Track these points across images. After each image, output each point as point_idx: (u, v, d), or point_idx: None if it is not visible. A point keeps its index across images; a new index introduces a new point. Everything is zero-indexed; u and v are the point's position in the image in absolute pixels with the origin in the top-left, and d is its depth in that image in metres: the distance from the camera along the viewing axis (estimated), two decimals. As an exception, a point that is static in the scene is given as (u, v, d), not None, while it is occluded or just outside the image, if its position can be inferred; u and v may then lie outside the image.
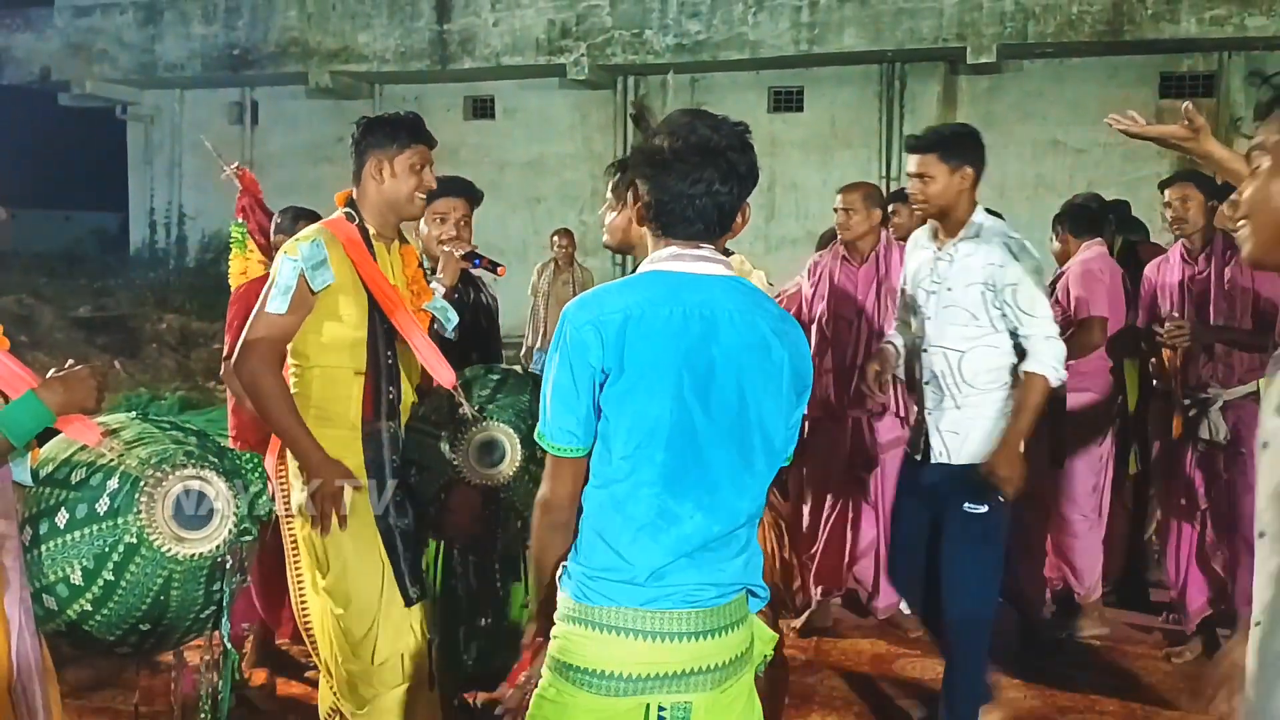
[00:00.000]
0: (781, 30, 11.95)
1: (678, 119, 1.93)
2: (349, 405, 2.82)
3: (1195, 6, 10.49)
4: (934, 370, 3.32)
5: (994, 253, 3.22)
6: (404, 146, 2.88)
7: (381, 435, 2.83)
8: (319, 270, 2.75)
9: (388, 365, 2.86)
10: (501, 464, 2.89)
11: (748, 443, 1.89)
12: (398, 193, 2.89)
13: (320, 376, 2.83)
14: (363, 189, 2.93)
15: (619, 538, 1.86)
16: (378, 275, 2.85)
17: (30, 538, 2.21)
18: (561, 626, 1.90)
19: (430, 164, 2.96)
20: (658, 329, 1.84)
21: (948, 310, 3.29)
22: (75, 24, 14.98)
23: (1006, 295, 3.20)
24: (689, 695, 1.88)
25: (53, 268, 14.46)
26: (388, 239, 2.98)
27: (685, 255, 1.91)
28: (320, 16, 13.71)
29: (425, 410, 2.97)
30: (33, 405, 2.09)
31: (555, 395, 1.88)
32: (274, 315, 2.75)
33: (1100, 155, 11.70)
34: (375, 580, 2.81)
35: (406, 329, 2.86)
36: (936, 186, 3.20)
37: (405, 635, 2.86)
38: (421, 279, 3.08)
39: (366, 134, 2.93)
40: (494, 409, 2.94)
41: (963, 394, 3.29)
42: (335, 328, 2.81)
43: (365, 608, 2.81)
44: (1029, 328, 3.21)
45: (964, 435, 3.30)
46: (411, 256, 3.07)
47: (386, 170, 2.88)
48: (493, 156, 13.32)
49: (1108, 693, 4.13)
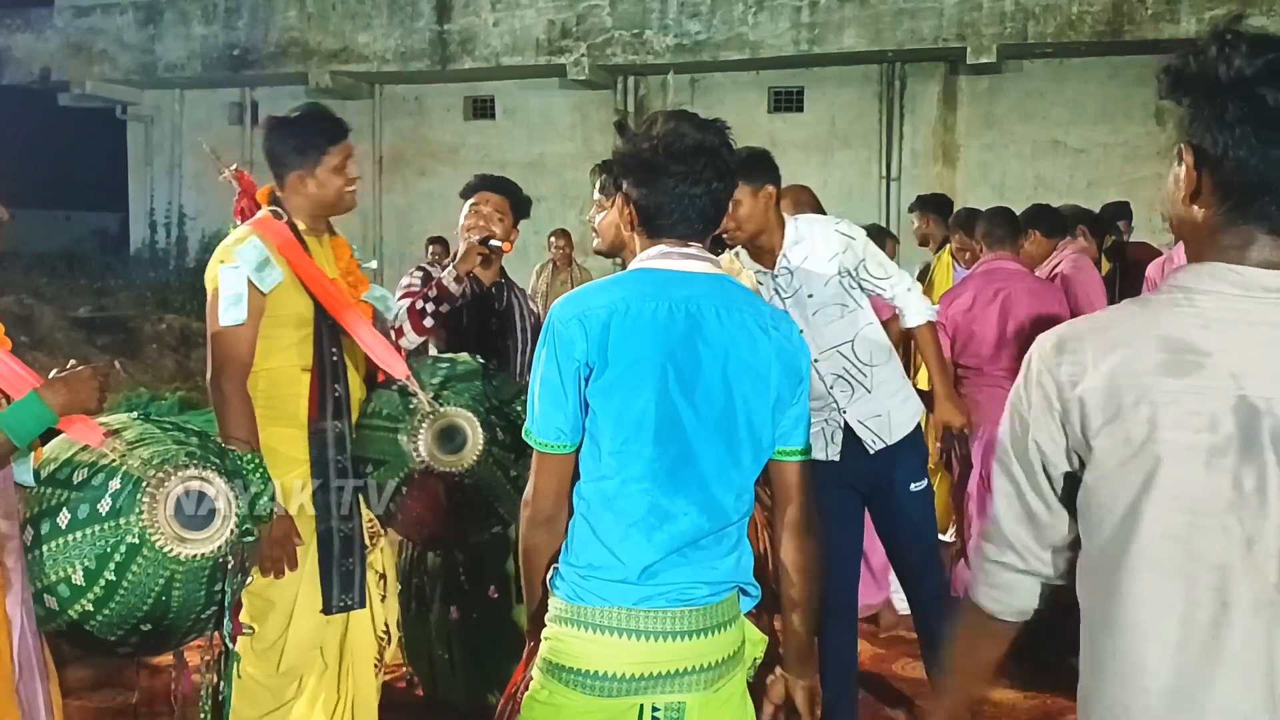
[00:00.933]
0: (782, 30, 11.94)
1: (664, 123, 1.93)
2: (297, 403, 2.76)
3: (1195, 6, 10.49)
4: (834, 372, 3.36)
5: (831, 242, 3.30)
6: (321, 153, 2.80)
7: (327, 434, 2.77)
8: (265, 270, 2.68)
9: (333, 362, 2.79)
10: (464, 449, 2.83)
11: (735, 438, 1.89)
12: (325, 196, 2.83)
13: (267, 376, 2.77)
14: (287, 191, 2.85)
15: (610, 535, 1.86)
16: (316, 272, 2.77)
17: (32, 538, 2.21)
18: (553, 628, 1.90)
19: (351, 155, 2.87)
20: (643, 324, 1.85)
21: (817, 315, 3.33)
22: (75, 24, 14.97)
23: (861, 272, 3.32)
24: (682, 695, 1.88)
25: (53, 268, 14.44)
26: (318, 233, 2.89)
27: (673, 253, 1.92)
28: (320, 17, 13.71)
29: (376, 406, 2.90)
30: (35, 406, 2.09)
31: (543, 391, 1.88)
32: (234, 328, 2.67)
33: (1100, 155, 11.70)
34: (293, 582, 2.73)
35: (352, 324, 2.79)
36: (744, 209, 3.19)
37: (315, 649, 2.79)
38: (357, 269, 2.99)
39: (279, 143, 2.83)
40: (449, 395, 2.87)
41: (869, 377, 3.36)
42: (280, 328, 2.74)
43: (279, 610, 2.75)
44: (892, 288, 3.37)
45: (886, 415, 3.37)
46: (344, 248, 2.98)
47: (311, 182, 2.81)
48: (493, 157, 13.30)
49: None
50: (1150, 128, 11.56)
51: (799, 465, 1.99)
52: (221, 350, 2.70)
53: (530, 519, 1.94)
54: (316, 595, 2.77)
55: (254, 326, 2.70)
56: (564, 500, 1.92)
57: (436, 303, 3.46)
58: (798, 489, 2.00)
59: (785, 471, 1.99)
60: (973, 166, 12.08)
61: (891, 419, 3.37)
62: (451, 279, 3.45)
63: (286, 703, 2.79)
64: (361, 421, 2.88)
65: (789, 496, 2.00)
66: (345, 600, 2.79)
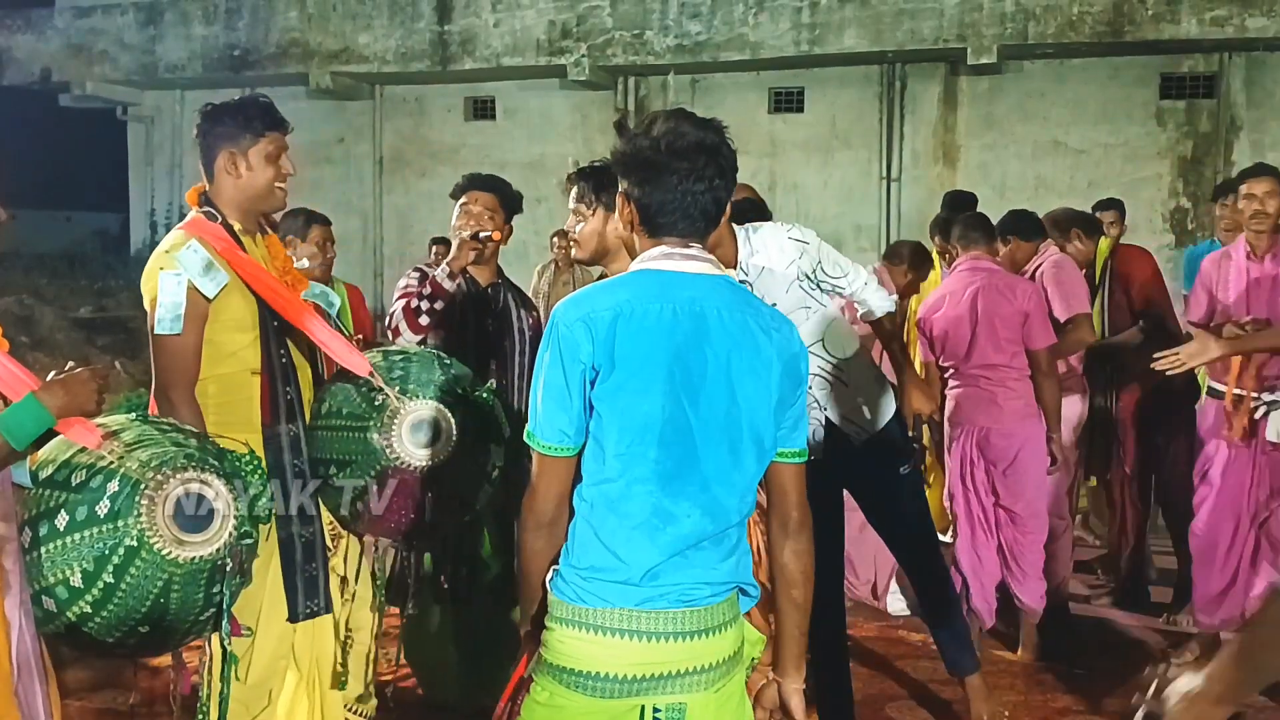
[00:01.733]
0: (782, 31, 11.93)
1: (663, 122, 1.93)
2: (250, 407, 2.68)
3: (1195, 7, 10.47)
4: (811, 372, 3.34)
5: (786, 249, 3.29)
6: (257, 136, 2.71)
7: (281, 439, 2.68)
8: (209, 274, 2.58)
9: (282, 364, 2.71)
10: (438, 442, 2.74)
11: (738, 440, 1.89)
12: (255, 185, 2.71)
13: (217, 382, 2.67)
14: (217, 185, 2.73)
15: (613, 537, 1.86)
16: (260, 272, 2.68)
17: (30, 539, 2.20)
18: (553, 629, 1.90)
19: (286, 150, 2.78)
20: (648, 326, 1.85)
21: None
22: (76, 25, 14.97)
23: (819, 274, 3.34)
24: (683, 696, 1.88)
25: (54, 268, 14.45)
26: (251, 232, 2.79)
27: (675, 254, 1.92)
28: (321, 17, 13.70)
29: (332, 405, 2.80)
30: (33, 408, 2.09)
31: (546, 394, 1.88)
32: (174, 337, 2.56)
33: (1101, 156, 11.68)
34: (258, 595, 2.65)
35: (305, 323, 2.70)
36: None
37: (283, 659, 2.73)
38: (293, 268, 2.90)
39: (214, 124, 2.72)
40: (414, 388, 2.77)
41: (845, 370, 3.41)
42: (226, 332, 2.65)
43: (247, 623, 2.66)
44: (850, 285, 3.39)
45: (866, 403, 3.44)
46: (277, 247, 2.90)
47: (241, 163, 2.70)
48: (493, 157, 13.29)
49: (1108, 693, 4.13)
50: (1150, 128, 11.55)
51: (797, 467, 1.99)
52: (164, 361, 2.59)
53: (531, 522, 1.94)
54: (281, 604, 2.71)
55: (198, 333, 2.60)
56: (565, 503, 1.92)
57: (431, 300, 3.45)
58: (795, 491, 1.99)
59: (783, 474, 1.99)
60: (973, 167, 12.06)
61: (872, 407, 3.43)
62: (445, 275, 3.45)
63: (259, 714, 2.72)
64: (318, 422, 2.79)
65: (786, 498, 1.99)
66: (311, 606, 2.73)
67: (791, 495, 1.99)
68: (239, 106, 2.75)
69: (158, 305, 2.57)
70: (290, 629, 2.73)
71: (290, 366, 2.73)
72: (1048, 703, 4.03)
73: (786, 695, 2.02)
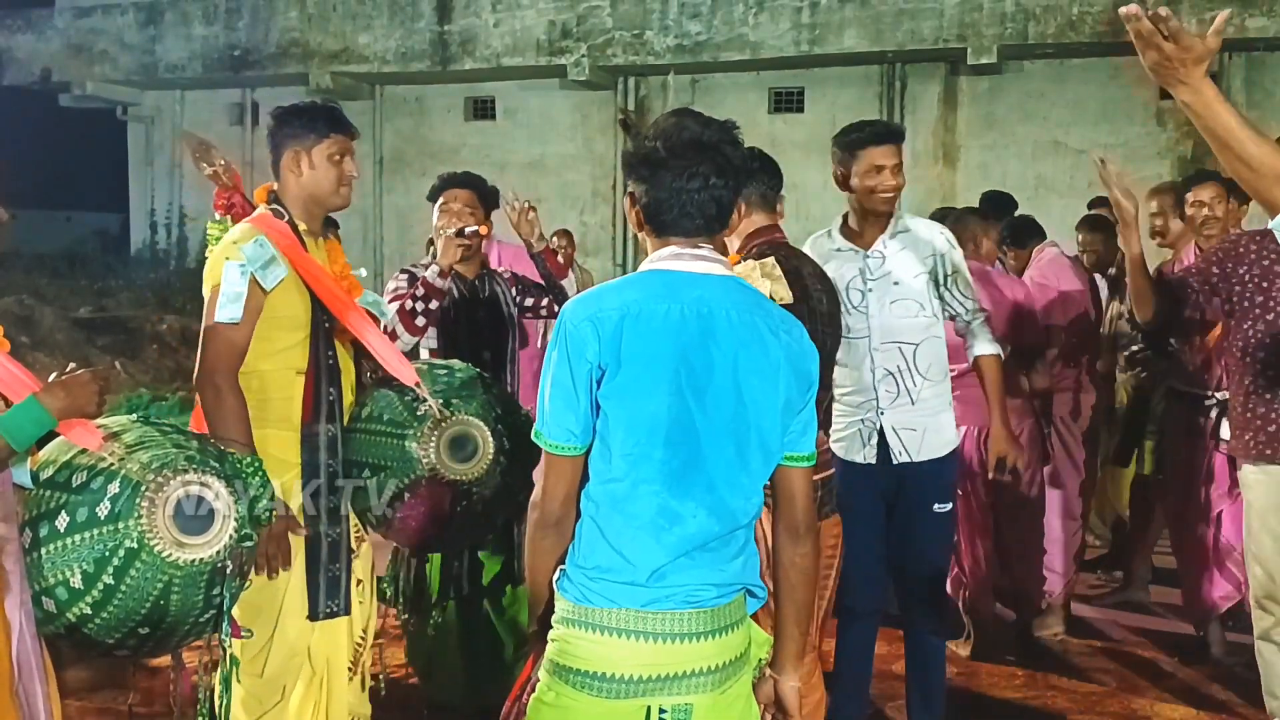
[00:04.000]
0: (782, 31, 11.93)
1: (666, 120, 1.94)
2: (290, 406, 2.73)
3: (1195, 7, 10.47)
4: (887, 367, 3.33)
5: (936, 240, 3.34)
6: (321, 136, 2.78)
7: (319, 438, 2.74)
8: (270, 268, 2.65)
9: (328, 365, 2.77)
10: (474, 459, 2.81)
11: (744, 441, 1.89)
12: (318, 185, 2.79)
13: (261, 378, 2.73)
14: (283, 183, 2.82)
15: (619, 537, 1.86)
16: (319, 271, 2.75)
17: (30, 540, 2.21)
18: (560, 629, 1.90)
19: (350, 154, 2.85)
20: (655, 326, 1.85)
21: (895, 305, 3.31)
22: (76, 25, 14.97)
23: (949, 284, 3.35)
24: (690, 697, 1.88)
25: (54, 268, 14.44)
26: (314, 234, 2.86)
27: (685, 254, 1.92)
28: (321, 18, 13.70)
29: (373, 409, 2.86)
30: (34, 410, 2.09)
31: (554, 393, 1.88)
32: (229, 325, 2.64)
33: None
34: (280, 589, 2.71)
35: (358, 327, 2.77)
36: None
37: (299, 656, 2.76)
38: (350, 274, 2.97)
39: (282, 125, 2.82)
40: (457, 403, 2.85)
41: (918, 388, 3.34)
42: (278, 329, 2.71)
43: (265, 615, 2.73)
44: (969, 313, 3.40)
45: (920, 431, 3.34)
46: (338, 252, 2.97)
47: (304, 162, 2.78)
48: (493, 157, 13.29)
49: (1109, 693, 4.14)
50: (1151, 128, 11.55)
51: (804, 471, 1.99)
52: (215, 346, 2.65)
53: (538, 521, 1.94)
54: (302, 600, 2.75)
55: (250, 325, 2.67)
56: (572, 502, 1.92)
57: (425, 300, 3.47)
58: (802, 495, 1.99)
59: (790, 477, 1.99)
60: (973, 167, 12.06)
61: (924, 438, 3.35)
62: (435, 274, 3.47)
63: (271, 709, 2.76)
64: (356, 425, 2.85)
65: (791, 501, 2.00)
66: (331, 606, 2.77)
67: (799, 499, 1.99)
68: (307, 109, 2.85)
69: (219, 294, 2.64)
70: (309, 627, 2.76)
71: (335, 368, 2.79)
72: (1047, 703, 4.04)
73: (783, 692, 2.02)
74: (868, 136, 3.32)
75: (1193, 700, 4.08)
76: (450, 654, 3.69)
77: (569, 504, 1.92)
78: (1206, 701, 4.08)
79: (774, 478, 1.98)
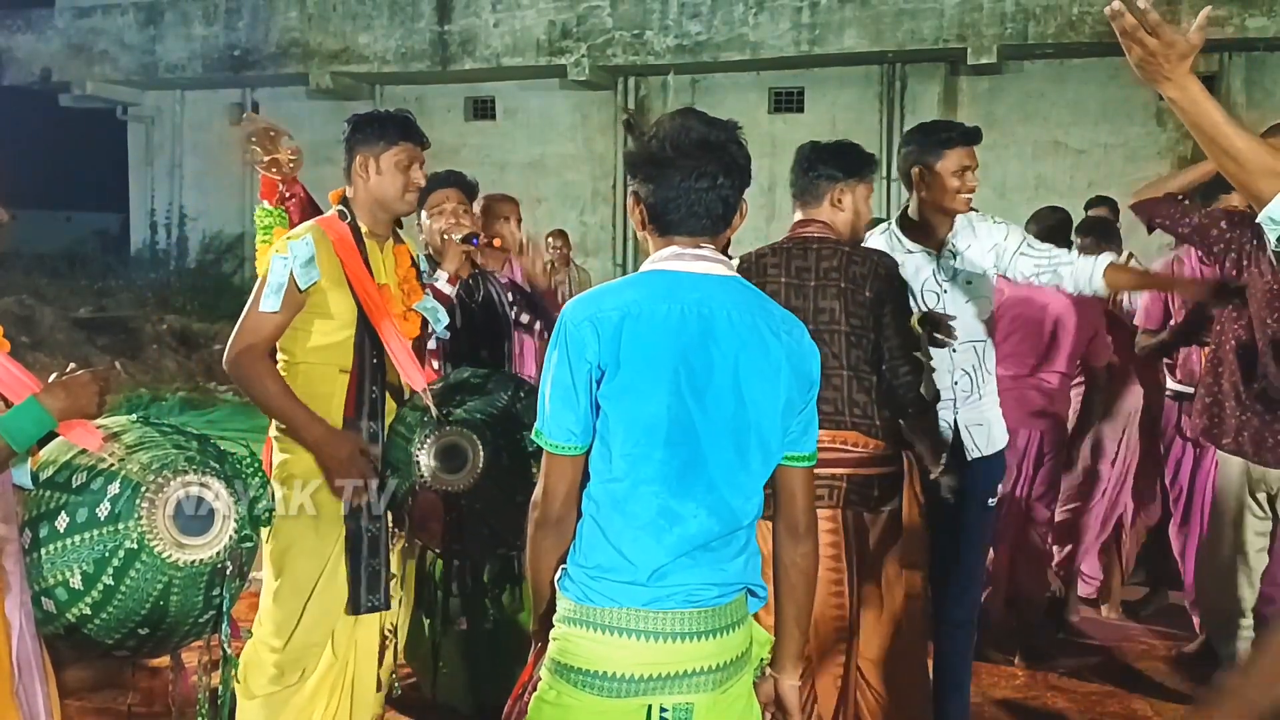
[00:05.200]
0: (782, 31, 11.95)
1: (671, 120, 1.94)
2: (330, 402, 2.82)
3: (1195, 7, 10.47)
4: (964, 368, 3.35)
5: (993, 232, 3.32)
6: (391, 144, 2.89)
7: (362, 434, 2.83)
8: (306, 268, 2.76)
9: (373, 364, 2.86)
10: (462, 471, 2.85)
11: (744, 441, 1.89)
12: (385, 190, 2.89)
13: (305, 373, 2.84)
14: (353, 187, 2.94)
15: (620, 537, 1.86)
16: (364, 275, 2.84)
17: (30, 541, 2.21)
18: (561, 628, 1.90)
19: (420, 162, 2.95)
20: (655, 326, 1.85)
21: (969, 304, 3.33)
22: (76, 25, 14.99)
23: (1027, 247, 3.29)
24: (691, 696, 1.88)
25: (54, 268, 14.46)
26: (381, 237, 2.97)
27: (686, 254, 1.92)
28: (321, 17, 13.72)
29: (402, 412, 2.96)
30: (34, 411, 2.09)
31: (554, 392, 1.88)
32: (266, 314, 2.75)
33: (1101, 156, 11.70)
34: (316, 565, 2.80)
35: (385, 332, 2.85)
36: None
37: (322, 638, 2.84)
38: (414, 279, 3.07)
39: (355, 131, 2.94)
40: (462, 413, 2.91)
41: (985, 383, 3.38)
42: (324, 326, 2.82)
43: (298, 587, 2.81)
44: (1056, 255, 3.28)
45: (986, 425, 3.38)
46: (405, 256, 3.06)
47: (372, 167, 2.89)
48: (493, 157, 13.32)
49: (1109, 693, 4.14)
50: (1151, 128, 11.56)
51: (805, 471, 1.99)
52: (249, 328, 2.76)
53: (539, 520, 1.94)
54: (335, 582, 2.82)
55: (287, 317, 2.78)
56: (573, 502, 1.92)
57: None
58: (803, 495, 1.99)
59: (791, 477, 1.99)
60: (973, 167, 12.08)
61: (990, 432, 3.38)
62: (444, 282, 3.46)
63: (288, 687, 2.83)
64: (393, 426, 2.95)
65: (794, 502, 1.99)
66: (372, 601, 2.84)
67: (799, 499, 1.99)
68: (380, 117, 2.97)
69: (266, 283, 2.76)
70: (337, 612, 2.83)
71: (380, 368, 2.87)
72: (1048, 703, 4.04)
73: (783, 691, 2.02)
74: (959, 136, 3.27)
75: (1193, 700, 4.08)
76: (451, 653, 3.69)
77: (570, 503, 1.92)
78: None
79: (775, 478, 1.98)
